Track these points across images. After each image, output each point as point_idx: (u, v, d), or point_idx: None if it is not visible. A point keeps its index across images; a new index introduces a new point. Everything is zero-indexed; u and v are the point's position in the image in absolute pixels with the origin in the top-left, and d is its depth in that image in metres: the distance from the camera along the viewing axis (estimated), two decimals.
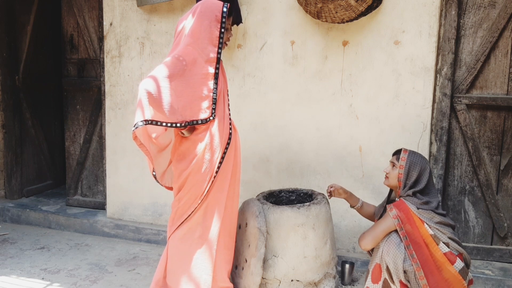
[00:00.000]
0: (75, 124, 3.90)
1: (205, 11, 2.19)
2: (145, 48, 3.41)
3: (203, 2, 2.24)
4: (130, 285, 2.79)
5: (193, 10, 2.24)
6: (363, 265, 2.96)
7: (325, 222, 2.54)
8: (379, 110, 2.94)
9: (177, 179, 2.31)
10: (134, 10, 3.40)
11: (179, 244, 2.33)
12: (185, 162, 2.27)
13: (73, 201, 3.96)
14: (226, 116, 2.34)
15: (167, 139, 2.37)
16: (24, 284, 2.77)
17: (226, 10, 2.20)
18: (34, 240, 3.51)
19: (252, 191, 3.12)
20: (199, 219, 2.30)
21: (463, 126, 2.87)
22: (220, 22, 2.19)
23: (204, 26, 2.18)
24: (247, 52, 3.17)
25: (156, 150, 2.34)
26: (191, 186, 2.26)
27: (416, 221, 2.16)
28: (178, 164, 2.30)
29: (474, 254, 2.92)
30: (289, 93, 3.11)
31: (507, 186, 2.87)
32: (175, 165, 2.32)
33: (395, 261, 2.14)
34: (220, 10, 2.19)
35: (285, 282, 2.47)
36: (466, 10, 2.81)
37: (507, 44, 2.77)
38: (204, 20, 2.18)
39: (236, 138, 2.42)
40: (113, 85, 3.53)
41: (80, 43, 3.79)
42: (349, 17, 2.77)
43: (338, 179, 3.04)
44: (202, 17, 2.18)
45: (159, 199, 3.49)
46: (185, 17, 2.26)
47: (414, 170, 2.25)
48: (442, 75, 2.85)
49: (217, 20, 2.18)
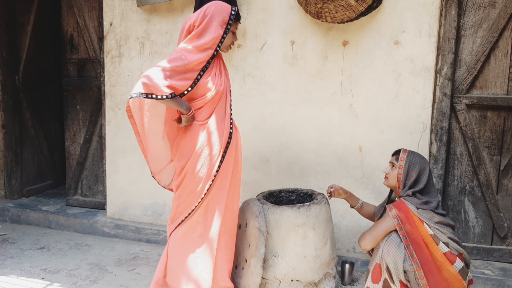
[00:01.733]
0: (75, 124, 3.90)
1: (214, 12, 2.25)
2: (145, 48, 3.41)
3: (214, 4, 2.29)
4: (130, 285, 2.79)
5: (204, 10, 2.27)
6: (363, 265, 2.97)
7: (325, 222, 2.54)
8: (379, 110, 2.94)
9: (177, 176, 2.34)
10: (134, 10, 3.40)
11: (180, 243, 2.34)
12: (184, 159, 2.30)
13: (73, 201, 3.96)
14: (228, 115, 2.36)
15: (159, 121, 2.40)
16: (24, 284, 2.77)
17: (235, 13, 2.28)
18: (34, 240, 3.51)
19: (252, 191, 3.12)
20: (199, 218, 2.31)
21: (463, 126, 2.87)
22: (227, 23, 2.26)
23: (213, 27, 2.23)
24: (247, 52, 3.17)
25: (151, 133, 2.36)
26: (190, 184, 2.28)
27: (416, 221, 2.16)
28: (178, 162, 2.33)
29: (474, 254, 2.92)
30: (289, 93, 3.11)
31: (507, 186, 2.87)
32: (175, 164, 2.35)
33: (395, 261, 2.14)
34: (229, 13, 2.27)
35: (285, 282, 2.47)
36: (466, 10, 2.81)
37: (507, 44, 2.77)
38: (213, 21, 2.24)
39: (237, 137, 2.43)
40: (113, 85, 3.53)
41: (80, 43, 3.79)
42: (349, 17, 2.77)
43: (338, 179, 3.04)
44: (211, 18, 2.23)
45: (159, 199, 3.49)
46: (195, 16, 2.28)
47: (413, 170, 2.25)
48: (442, 75, 2.85)
49: (224, 22, 2.26)
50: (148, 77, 2.11)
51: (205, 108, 2.29)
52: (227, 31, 2.27)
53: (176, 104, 2.19)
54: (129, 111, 2.28)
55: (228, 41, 2.34)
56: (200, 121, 2.29)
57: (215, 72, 2.31)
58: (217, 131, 2.29)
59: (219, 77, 2.33)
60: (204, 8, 2.28)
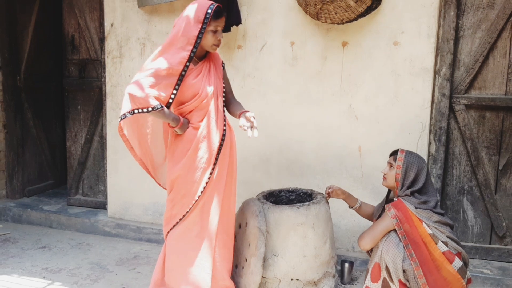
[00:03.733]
0: (76, 124, 3.91)
1: (189, 12, 2.20)
2: (146, 49, 3.42)
3: (192, 3, 2.24)
4: (131, 284, 2.81)
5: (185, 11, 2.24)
6: (363, 264, 2.98)
7: (324, 222, 2.56)
8: (378, 111, 2.95)
9: (170, 176, 2.33)
10: (135, 11, 3.41)
11: (177, 243, 2.34)
12: (177, 160, 2.29)
13: (74, 201, 3.98)
14: (220, 115, 2.34)
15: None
16: (25, 283, 2.79)
17: (211, 12, 2.16)
18: (35, 239, 3.53)
19: (252, 191, 3.13)
20: (195, 218, 2.31)
21: (462, 126, 2.89)
22: (202, 23, 2.17)
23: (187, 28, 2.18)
24: (247, 53, 3.18)
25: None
26: (184, 184, 2.28)
27: (415, 220, 2.17)
28: (171, 163, 2.33)
29: (472, 254, 2.93)
30: (289, 93, 3.12)
31: (506, 186, 2.88)
32: (169, 164, 2.35)
33: (394, 261, 2.15)
34: (204, 12, 2.17)
35: (285, 281, 2.49)
36: (465, 11, 2.83)
37: (506, 44, 2.78)
38: (188, 21, 2.18)
39: (232, 136, 2.42)
40: (114, 86, 3.55)
41: (81, 43, 3.80)
42: (349, 18, 2.79)
43: (338, 179, 3.06)
44: (188, 20, 2.18)
45: (160, 199, 3.50)
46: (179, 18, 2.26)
47: (411, 170, 2.26)
48: (441, 76, 2.86)
49: (199, 21, 2.17)
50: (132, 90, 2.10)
51: (196, 111, 2.28)
52: (203, 31, 2.17)
53: (163, 116, 2.18)
54: (121, 130, 2.26)
55: (210, 41, 2.22)
56: (193, 123, 2.29)
57: (203, 73, 2.28)
58: (210, 131, 2.27)
59: (207, 79, 2.29)
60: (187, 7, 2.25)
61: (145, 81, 2.13)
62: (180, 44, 2.18)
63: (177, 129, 2.26)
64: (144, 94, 2.10)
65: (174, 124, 2.24)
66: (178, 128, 2.26)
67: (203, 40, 2.21)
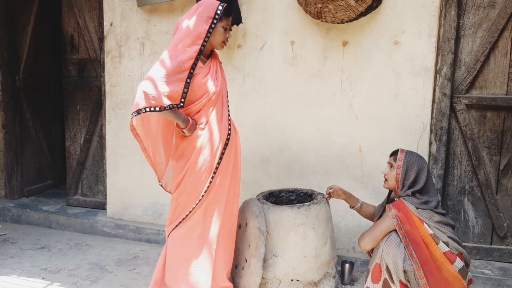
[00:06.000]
0: (76, 124, 3.90)
1: (200, 9, 2.23)
2: (146, 48, 3.41)
3: (202, 2, 2.27)
4: (131, 284, 2.80)
5: (193, 9, 2.27)
6: (363, 265, 2.97)
7: (325, 222, 2.55)
8: (379, 110, 2.94)
9: (176, 178, 2.33)
10: (134, 11, 3.40)
11: (178, 243, 2.34)
12: (183, 160, 2.30)
13: (74, 201, 3.96)
14: (225, 116, 2.35)
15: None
16: (24, 283, 2.78)
17: (222, 9, 2.23)
18: (34, 240, 3.51)
19: (252, 191, 3.13)
20: (198, 219, 2.31)
21: (463, 126, 2.88)
22: (212, 18, 2.21)
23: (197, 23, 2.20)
24: (247, 52, 3.17)
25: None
26: (189, 184, 2.28)
27: (415, 220, 2.16)
28: (177, 163, 2.33)
29: (473, 254, 2.92)
30: (289, 93, 3.11)
31: (507, 186, 2.87)
32: (174, 165, 2.35)
33: (395, 261, 2.14)
34: (215, 9, 2.23)
35: (285, 281, 2.48)
36: (466, 11, 2.82)
37: (507, 44, 2.78)
38: (198, 18, 2.21)
39: (236, 138, 2.43)
40: (114, 85, 3.54)
41: (81, 43, 3.79)
42: (349, 17, 2.78)
43: (338, 179, 3.05)
44: (198, 16, 2.21)
45: (160, 199, 3.49)
46: (186, 16, 2.28)
47: (411, 170, 2.25)
48: (441, 75, 2.85)
49: (210, 17, 2.22)
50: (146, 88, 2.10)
51: (203, 111, 2.28)
52: (213, 26, 2.22)
53: (174, 116, 2.18)
54: (134, 129, 2.30)
55: (220, 38, 2.29)
56: (199, 124, 2.29)
57: (212, 72, 2.30)
58: (215, 132, 2.28)
59: (215, 78, 2.32)
60: (194, 6, 2.29)
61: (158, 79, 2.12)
62: (190, 39, 2.20)
63: (186, 130, 2.24)
64: (157, 92, 2.10)
65: (183, 125, 2.23)
66: (187, 130, 2.24)
67: (213, 36, 2.26)
